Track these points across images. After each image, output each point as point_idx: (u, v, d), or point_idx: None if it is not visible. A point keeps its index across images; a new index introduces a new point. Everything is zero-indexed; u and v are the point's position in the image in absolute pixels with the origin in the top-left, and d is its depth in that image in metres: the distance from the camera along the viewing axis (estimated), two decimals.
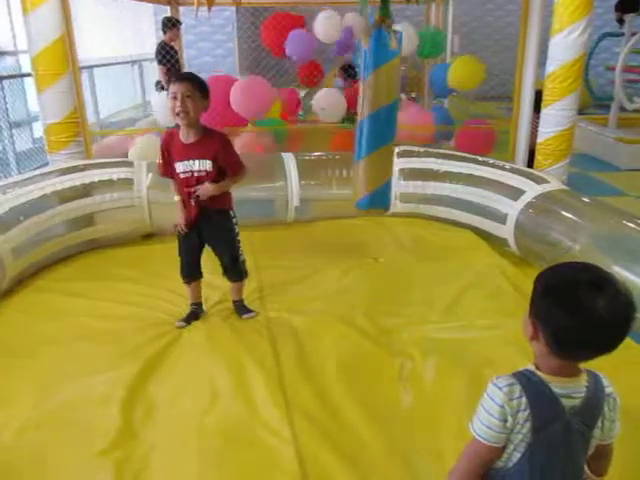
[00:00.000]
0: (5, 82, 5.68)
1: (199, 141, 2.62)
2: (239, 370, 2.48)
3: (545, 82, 3.98)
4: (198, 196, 2.65)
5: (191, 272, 2.92)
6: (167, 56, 6.36)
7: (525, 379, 1.21)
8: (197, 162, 2.62)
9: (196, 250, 2.87)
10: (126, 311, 3.07)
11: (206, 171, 2.63)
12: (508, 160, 4.72)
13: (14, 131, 6.06)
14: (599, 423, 1.22)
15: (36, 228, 3.44)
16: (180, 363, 2.57)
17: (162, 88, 6.82)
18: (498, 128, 5.66)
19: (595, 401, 1.21)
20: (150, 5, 8.17)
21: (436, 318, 2.95)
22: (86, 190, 3.83)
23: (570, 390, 1.19)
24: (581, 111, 8.14)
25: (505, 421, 1.19)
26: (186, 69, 7.62)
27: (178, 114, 2.52)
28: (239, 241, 2.86)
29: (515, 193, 3.78)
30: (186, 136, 2.62)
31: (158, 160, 2.80)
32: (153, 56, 6.95)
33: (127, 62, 8.12)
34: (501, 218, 3.82)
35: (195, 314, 2.97)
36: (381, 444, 2.04)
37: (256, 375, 2.43)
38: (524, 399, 1.18)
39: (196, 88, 2.53)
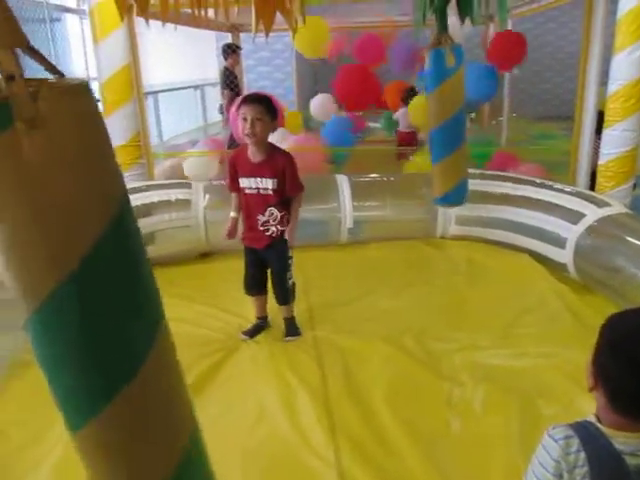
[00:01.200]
0: None
1: (266, 160, 2.71)
2: (286, 390, 2.49)
3: (607, 102, 3.86)
4: (276, 233, 2.78)
5: (253, 286, 2.97)
6: (229, 81, 6.59)
7: (584, 431, 1.10)
8: (263, 180, 2.71)
9: (259, 265, 2.92)
10: (179, 328, 3.11)
11: (272, 189, 2.72)
12: (569, 183, 4.59)
13: None
14: None
15: None
16: (227, 381, 2.61)
17: (223, 112, 7.06)
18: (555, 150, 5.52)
19: None
20: (212, 32, 8.48)
21: (489, 344, 2.87)
22: (147, 210, 3.99)
23: (634, 447, 1.06)
24: None
25: (561, 477, 1.09)
26: (245, 92, 7.86)
27: (247, 135, 2.62)
28: (290, 265, 2.91)
29: (575, 216, 3.66)
30: (254, 154, 2.72)
31: (226, 178, 2.92)
32: (214, 81, 7.22)
33: (190, 87, 8.45)
34: (560, 242, 3.70)
35: (260, 327, 3.03)
36: (425, 472, 2.00)
37: (303, 396, 2.44)
38: (582, 454, 1.07)
39: (266, 110, 2.63)
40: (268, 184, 2.70)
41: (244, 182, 2.75)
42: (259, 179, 2.71)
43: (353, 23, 7.19)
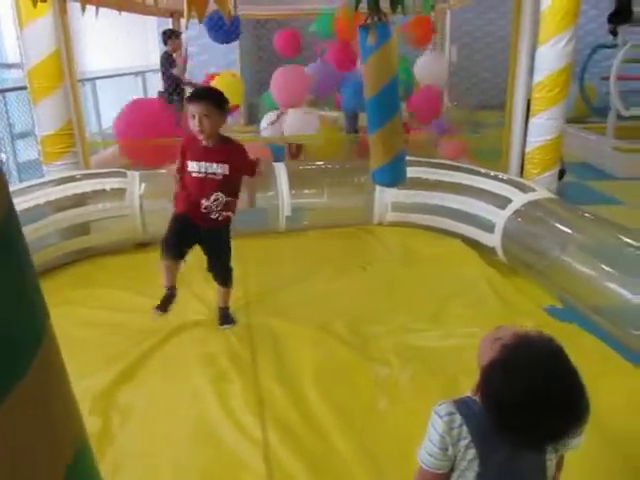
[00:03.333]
0: (12, 94, 5.77)
1: (218, 146, 2.74)
2: (218, 374, 2.52)
3: (533, 92, 4.01)
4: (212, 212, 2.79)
5: (174, 246, 2.85)
6: (169, 63, 6.57)
7: (465, 407, 1.20)
8: (214, 165, 2.73)
9: (190, 232, 2.83)
10: (113, 318, 3.12)
11: (223, 174, 2.74)
12: (501, 169, 4.75)
13: (20, 141, 6.19)
14: (553, 449, 1.20)
15: (30, 237, 3.50)
16: (161, 367, 2.62)
17: (163, 97, 6.96)
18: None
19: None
20: (154, 18, 8.31)
21: (418, 326, 2.97)
22: (80, 200, 3.91)
23: None
24: (581, 120, 8.21)
25: (446, 450, 1.19)
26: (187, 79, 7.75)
27: (197, 132, 2.65)
28: (230, 250, 2.93)
29: (502, 201, 3.80)
30: (206, 141, 2.73)
31: (176, 161, 2.88)
32: (156, 67, 7.10)
33: (131, 73, 8.25)
34: (489, 227, 3.84)
35: (170, 297, 2.99)
36: (351, 451, 2.06)
37: (234, 379, 2.48)
38: (465, 427, 1.18)
39: (213, 106, 2.64)
40: (218, 169, 2.72)
41: (193, 166, 2.74)
42: (209, 164, 2.72)
43: (284, 10, 7.29)
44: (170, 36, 6.82)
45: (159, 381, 2.53)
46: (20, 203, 3.61)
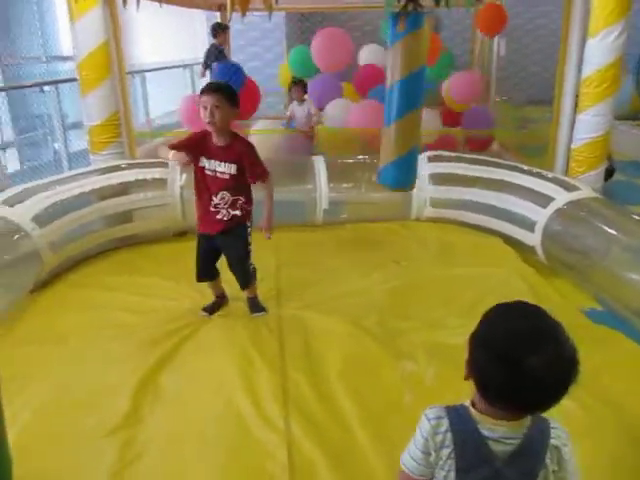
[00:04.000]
0: (65, 85, 5.98)
1: (227, 146, 2.77)
2: (246, 364, 2.56)
3: (580, 87, 3.89)
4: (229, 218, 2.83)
5: (205, 273, 3.04)
6: (217, 57, 6.72)
7: (455, 414, 1.14)
8: (222, 164, 2.77)
9: (211, 252, 2.98)
10: (151, 305, 3.21)
11: (230, 174, 2.77)
12: (547, 167, 4.62)
13: (73, 132, 6.43)
14: (543, 477, 1.12)
15: (74, 224, 3.64)
16: (193, 356, 2.68)
17: None
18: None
19: (533, 450, 1.11)
20: (202, 12, 8.44)
21: (449, 323, 2.94)
22: (124, 189, 4.03)
23: (501, 434, 1.10)
24: (636, 117, 7.88)
25: (429, 454, 1.15)
26: None
27: (208, 123, 2.68)
28: (250, 251, 2.96)
29: (544, 200, 3.71)
30: (217, 139, 2.77)
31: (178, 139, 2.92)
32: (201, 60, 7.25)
33: (179, 66, 8.42)
34: (530, 226, 3.75)
35: (218, 304, 3.11)
36: (373, 445, 2.06)
37: (262, 370, 2.51)
38: (449, 435, 1.12)
39: (225, 99, 2.67)
40: (226, 168, 2.76)
41: (204, 162, 2.80)
42: (219, 162, 2.76)
43: (330, 3, 7.34)
44: (219, 30, 6.96)
45: (190, 368, 2.59)
46: (66, 191, 3.75)
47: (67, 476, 1.99)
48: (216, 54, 6.88)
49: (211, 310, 3.08)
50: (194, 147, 2.80)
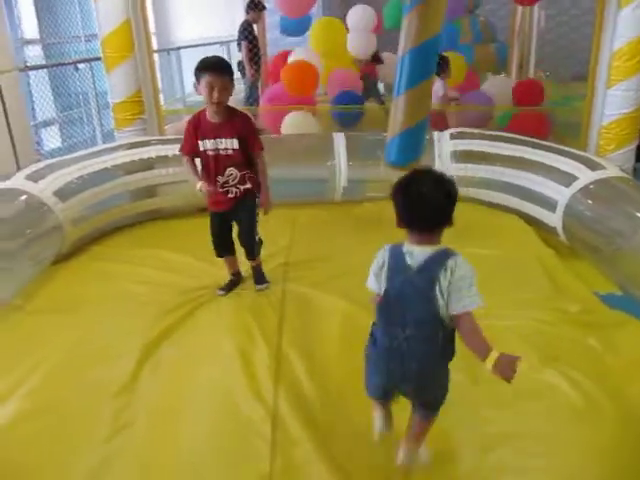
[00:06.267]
0: (100, 64, 6.10)
1: (226, 121, 2.77)
2: (244, 339, 2.61)
3: (611, 60, 3.69)
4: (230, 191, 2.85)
5: (221, 248, 3.08)
6: (248, 32, 6.74)
7: (393, 246, 1.68)
8: (224, 141, 2.77)
9: (224, 227, 3.02)
10: (166, 278, 3.29)
11: (233, 149, 2.78)
12: (580, 145, 4.44)
13: (107, 111, 6.59)
14: (439, 289, 1.58)
15: (95, 199, 3.76)
16: (195, 330, 2.75)
17: (243, 69, 7.10)
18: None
19: (431, 267, 1.60)
20: None
21: None
22: (148, 164, 4.11)
23: (412, 251, 1.62)
24: None
25: (379, 275, 1.68)
26: (269, 50, 7.84)
27: (214, 103, 2.67)
28: (257, 222, 2.98)
29: (567, 179, 3.57)
30: (213, 116, 2.76)
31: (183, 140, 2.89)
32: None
33: (215, 43, 8.46)
34: (551, 205, 3.63)
35: (234, 283, 3.15)
36: (361, 423, 2.05)
37: (259, 345, 2.56)
38: (387, 255, 1.67)
39: (230, 78, 2.69)
40: (229, 144, 2.76)
41: (206, 144, 2.78)
42: (220, 140, 2.76)
43: None
44: (252, 6, 6.93)
45: (191, 341, 2.66)
46: (92, 165, 3.87)
47: (63, 439, 2.08)
48: (246, 31, 6.86)
49: (228, 289, 3.12)
50: (195, 137, 2.80)
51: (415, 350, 1.66)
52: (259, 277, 3.13)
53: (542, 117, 5.85)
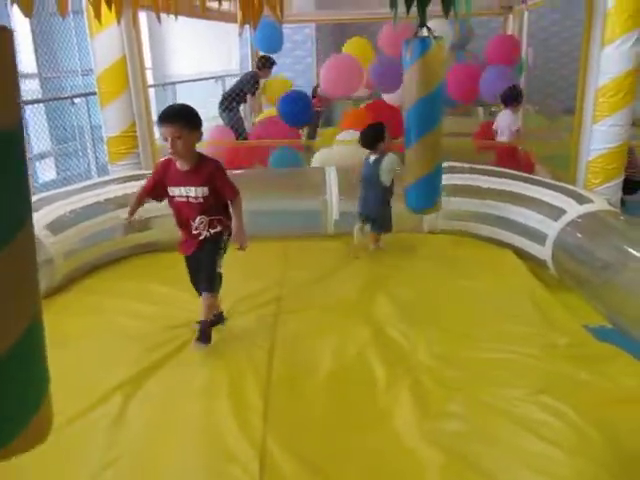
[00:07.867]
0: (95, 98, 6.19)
1: (194, 169, 2.68)
2: (234, 374, 2.60)
3: (596, 96, 3.78)
4: (203, 235, 2.79)
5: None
6: (253, 86, 6.96)
7: (366, 156, 3.90)
8: (192, 189, 2.69)
9: (197, 267, 2.92)
10: (156, 312, 3.29)
11: (203, 196, 2.69)
12: (569, 179, 4.50)
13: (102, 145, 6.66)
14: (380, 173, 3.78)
15: (87, 232, 3.77)
16: (183, 364, 2.73)
17: (230, 110, 7.11)
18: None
19: (376, 162, 3.77)
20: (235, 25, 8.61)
21: (446, 338, 2.89)
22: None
23: (369, 157, 3.85)
24: None
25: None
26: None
27: (171, 154, 2.63)
28: (221, 256, 2.86)
29: (556, 212, 3.61)
30: (182, 164, 2.70)
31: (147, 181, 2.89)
32: (236, 72, 7.38)
33: (211, 78, 8.60)
34: (541, 239, 3.66)
35: (214, 322, 3.00)
36: (349, 461, 2.06)
37: (249, 379, 2.55)
38: (364, 161, 3.85)
39: (184, 127, 2.56)
40: (197, 192, 2.69)
41: (174, 191, 2.73)
42: (188, 188, 2.69)
43: (341, 15, 7.47)
44: (266, 64, 7.02)
45: (181, 373, 2.65)
46: (85, 198, 3.90)
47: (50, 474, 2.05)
48: (255, 84, 6.94)
49: (211, 324, 2.97)
50: (161, 182, 2.75)
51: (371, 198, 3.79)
52: (204, 334, 2.83)
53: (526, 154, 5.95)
